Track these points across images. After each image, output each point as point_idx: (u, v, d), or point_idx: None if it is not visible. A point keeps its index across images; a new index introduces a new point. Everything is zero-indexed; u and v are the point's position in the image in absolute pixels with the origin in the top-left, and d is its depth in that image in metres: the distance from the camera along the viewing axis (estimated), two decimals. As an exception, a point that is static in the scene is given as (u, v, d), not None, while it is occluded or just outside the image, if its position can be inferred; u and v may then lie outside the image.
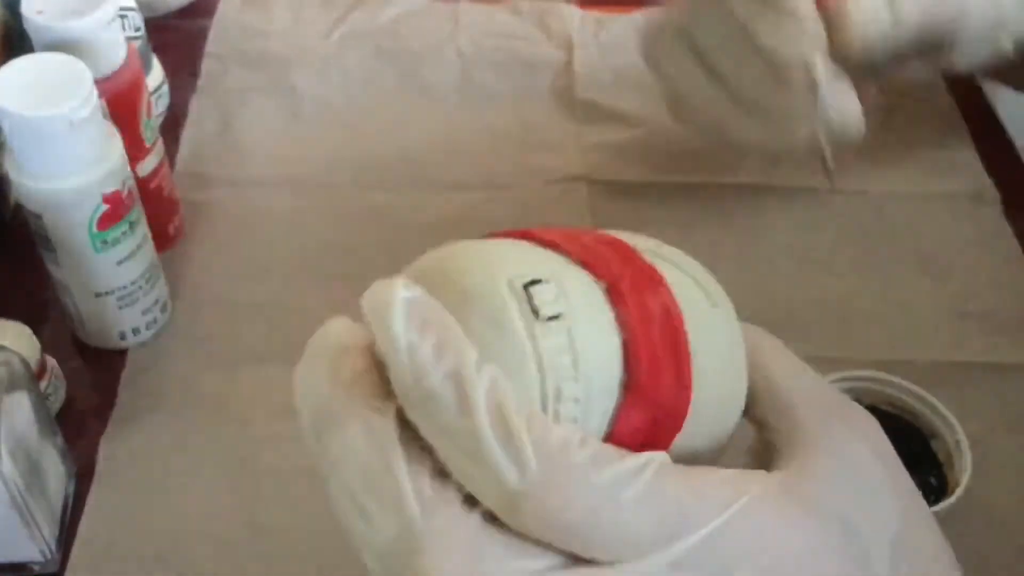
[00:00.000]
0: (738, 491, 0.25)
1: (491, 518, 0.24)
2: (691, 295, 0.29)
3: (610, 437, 0.26)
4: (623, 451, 0.25)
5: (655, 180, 0.63)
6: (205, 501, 0.48)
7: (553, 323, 0.26)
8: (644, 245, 0.30)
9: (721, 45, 0.45)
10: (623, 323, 0.27)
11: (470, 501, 0.24)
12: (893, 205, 0.61)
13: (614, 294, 0.27)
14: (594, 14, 0.74)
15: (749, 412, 0.30)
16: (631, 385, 0.26)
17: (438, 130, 0.66)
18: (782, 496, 0.26)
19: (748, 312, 0.56)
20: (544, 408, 0.25)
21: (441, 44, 0.72)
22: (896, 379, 0.50)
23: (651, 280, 0.28)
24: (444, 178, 0.63)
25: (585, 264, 0.28)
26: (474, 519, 0.24)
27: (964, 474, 0.46)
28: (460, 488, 0.24)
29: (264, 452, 0.50)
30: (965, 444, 0.47)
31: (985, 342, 0.54)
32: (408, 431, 0.24)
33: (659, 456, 0.25)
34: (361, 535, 0.25)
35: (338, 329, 0.27)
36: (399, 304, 0.24)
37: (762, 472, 0.27)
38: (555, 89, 0.69)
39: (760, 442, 0.30)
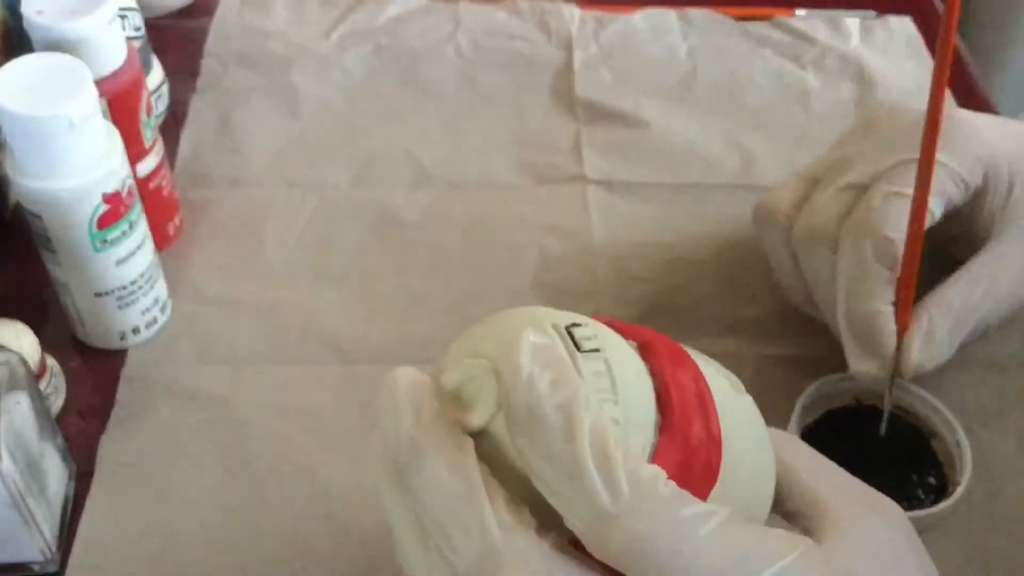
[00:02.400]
0: (791, 546, 0.28)
1: (561, 546, 0.27)
2: (714, 376, 0.32)
3: None
4: (696, 499, 0.28)
5: (655, 180, 0.63)
6: (205, 501, 0.48)
7: (592, 354, 0.29)
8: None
9: (816, 277, 0.50)
10: (654, 372, 0.30)
11: (543, 529, 0.27)
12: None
13: (645, 349, 0.30)
14: (594, 14, 0.74)
15: (780, 507, 0.32)
16: (665, 426, 0.29)
17: (438, 130, 0.66)
18: (821, 557, 0.28)
19: (748, 312, 0.56)
20: None
21: (441, 44, 0.72)
22: (896, 379, 0.50)
23: (678, 350, 0.31)
24: (444, 178, 0.63)
25: (618, 330, 0.31)
26: (547, 544, 0.27)
27: (964, 474, 0.46)
28: (533, 518, 0.28)
29: (264, 452, 0.50)
30: (965, 444, 0.47)
31: (985, 342, 0.54)
32: (481, 466, 0.28)
33: (726, 508, 0.28)
34: (433, 566, 0.28)
35: (410, 375, 0.30)
36: (526, 344, 0.28)
37: (807, 538, 0.29)
38: (555, 89, 0.69)
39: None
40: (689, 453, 0.29)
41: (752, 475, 0.31)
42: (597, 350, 0.29)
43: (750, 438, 0.32)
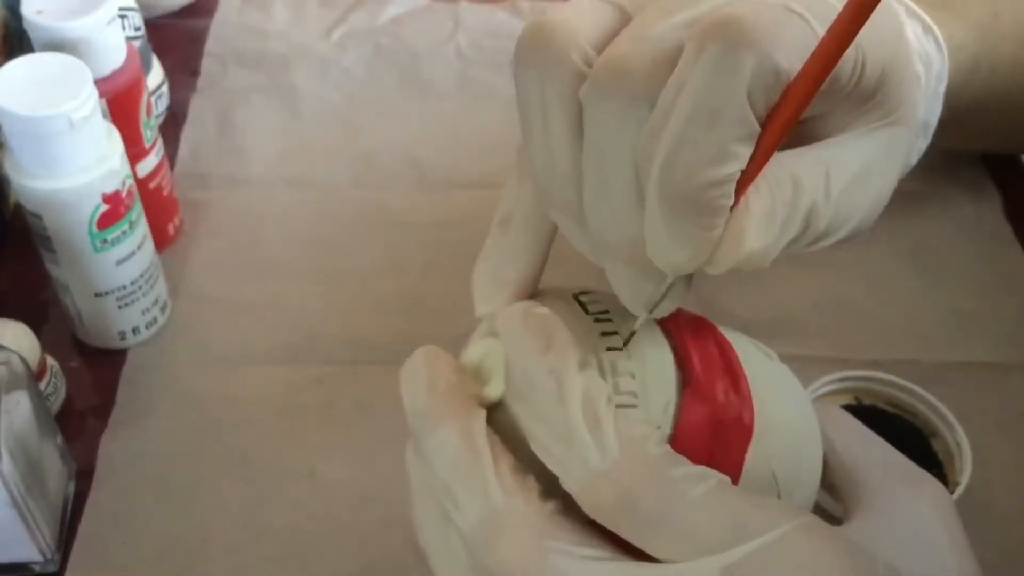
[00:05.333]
0: (788, 516, 0.27)
1: (563, 510, 0.28)
2: (742, 343, 0.32)
3: (677, 433, 0.29)
4: (690, 462, 0.27)
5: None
6: (205, 501, 0.48)
7: (602, 316, 0.30)
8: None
9: (603, 147, 0.30)
10: (670, 333, 0.30)
11: (545, 494, 0.28)
12: (893, 205, 0.61)
13: (661, 320, 0.30)
14: (594, 14, 0.74)
15: (823, 480, 0.32)
16: (687, 381, 0.29)
17: (438, 130, 0.66)
18: (827, 531, 0.27)
19: (748, 312, 0.56)
20: (604, 380, 0.28)
21: (441, 44, 0.72)
22: (896, 379, 0.50)
23: (696, 317, 0.31)
24: (444, 178, 0.63)
25: None
26: (548, 507, 0.28)
27: (964, 474, 0.46)
28: (537, 483, 0.28)
29: (264, 452, 0.50)
30: (965, 444, 0.47)
31: (985, 342, 0.54)
32: (492, 435, 0.29)
33: (721, 475, 0.27)
34: (445, 532, 0.29)
35: (430, 350, 0.31)
36: (520, 313, 0.29)
37: (810, 514, 0.28)
38: (555, 89, 0.69)
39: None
40: (717, 409, 0.29)
41: (794, 437, 0.31)
42: (606, 311, 0.30)
43: (787, 400, 0.31)
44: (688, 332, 0.30)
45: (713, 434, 0.29)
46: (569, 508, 0.28)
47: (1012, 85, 0.52)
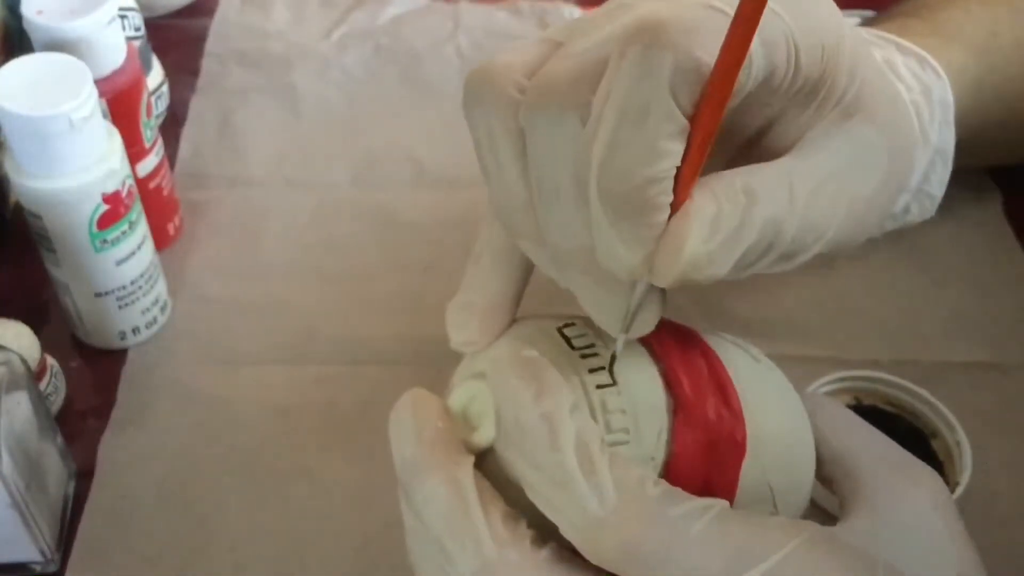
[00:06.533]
0: (789, 535, 0.27)
1: (558, 556, 0.28)
2: (729, 349, 0.31)
3: (672, 460, 0.28)
4: (689, 495, 0.27)
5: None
6: (205, 501, 0.48)
7: (588, 350, 0.29)
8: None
9: (546, 165, 0.31)
10: (657, 356, 0.30)
11: (539, 541, 0.28)
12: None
13: (646, 338, 0.30)
14: (594, 14, 0.74)
15: (817, 473, 0.32)
16: (678, 406, 0.29)
17: (438, 130, 0.66)
18: (828, 543, 0.28)
19: (748, 312, 0.56)
20: (595, 419, 0.28)
21: (441, 44, 0.72)
22: (896, 379, 0.50)
23: (683, 330, 0.31)
24: (444, 177, 0.63)
25: None
26: (542, 555, 0.27)
27: (964, 474, 0.46)
28: (529, 530, 0.28)
29: (264, 452, 0.50)
30: (965, 444, 0.47)
31: (985, 342, 0.54)
32: (481, 482, 0.28)
33: (721, 502, 0.27)
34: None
35: (417, 395, 0.31)
36: (511, 359, 0.28)
37: (813, 523, 0.28)
38: (555, 89, 0.69)
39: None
40: (709, 430, 0.29)
41: (785, 441, 0.31)
42: (591, 344, 0.30)
43: (777, 405, 0.31)
44: (674, 349, 0.30)
45: (707, 456, 0.29)
46: (563, 551, 0.28)
47: (1017, 101, 0.52)
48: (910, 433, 0.49)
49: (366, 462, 0.49)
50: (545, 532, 0.28)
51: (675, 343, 0.30)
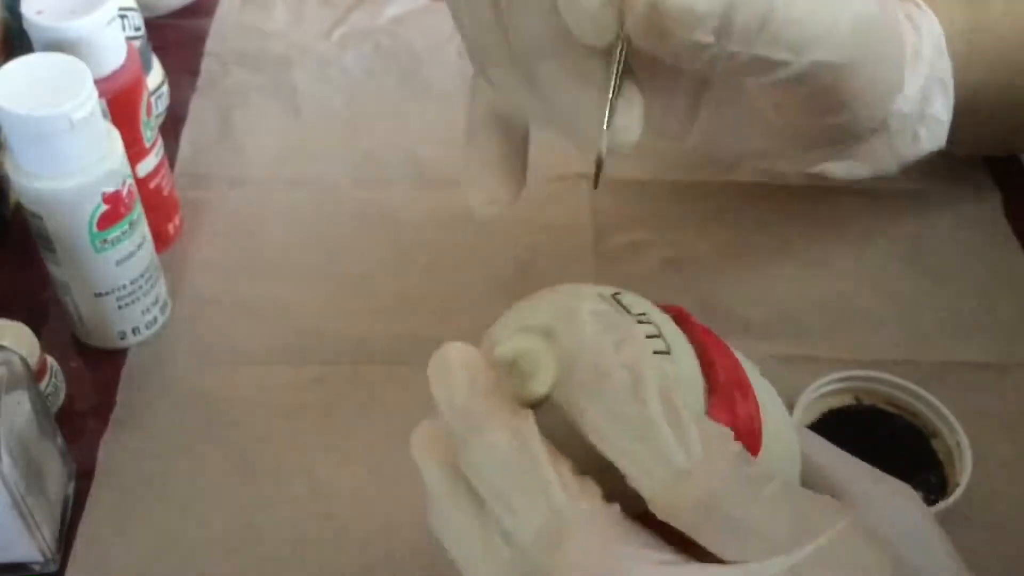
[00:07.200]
0: (841, 514, 0.27)
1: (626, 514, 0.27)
2: (736, 353, 0.32)
3: None
4: (753, 459, 0.27)
5: (655, 178, 0.63)
6: (205, 501, 0.48)
7: (643, 318, 0.29)
8: None
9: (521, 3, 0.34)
10: (693, 340, 0.30)
11: (609, 498, 0.27)
12: (893, 205, 0.61)
13: (681, 319, 0.31)
14: (594, 14, 0.74)
15: None
16: (713, 388, 0.29)
17: (438, 129, 0.66)
18: (866, 530, 0.27)
19: (748, 312, 0.56)
20: None
21: (441, 44, 0.72)
22: (896, 379, 0.50)
23: (705, 328, 0.31)
24: (444, 177, 0.63)
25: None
26: (616, 510, 0.26)
27: (964, 474, 0.46)
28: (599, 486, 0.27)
29: (264, 452, 0.50)
30: (965, 444, 0.47)
31: (985, 342, 0.54)
32: (544, 437, 0.27)
33: (779, 476, 0.27)
34: (488, 542, 0.27)
35: (461, 348, 0.29)
36: (587, 309, 0.27)
37: (849, 508, 0.28)
38: (555, 89, 0.69)
39: None
40: (736, 417, 0.29)
41: (784, 448, 0.31)
42: (644, 312, 0.30)
43: (777, 413, 0.32)
44: (707, 338, 0.30)
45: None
46: (627, 511, 0.27)
47: (1010, 70, 0.52)
48: (910, 433, 0.49)
49: (366, 462, 0.49)
50: (605, 492, 0.27)
51: (706, 334, 0.31)
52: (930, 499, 0.47)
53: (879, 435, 0.49)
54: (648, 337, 0.29)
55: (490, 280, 0.57)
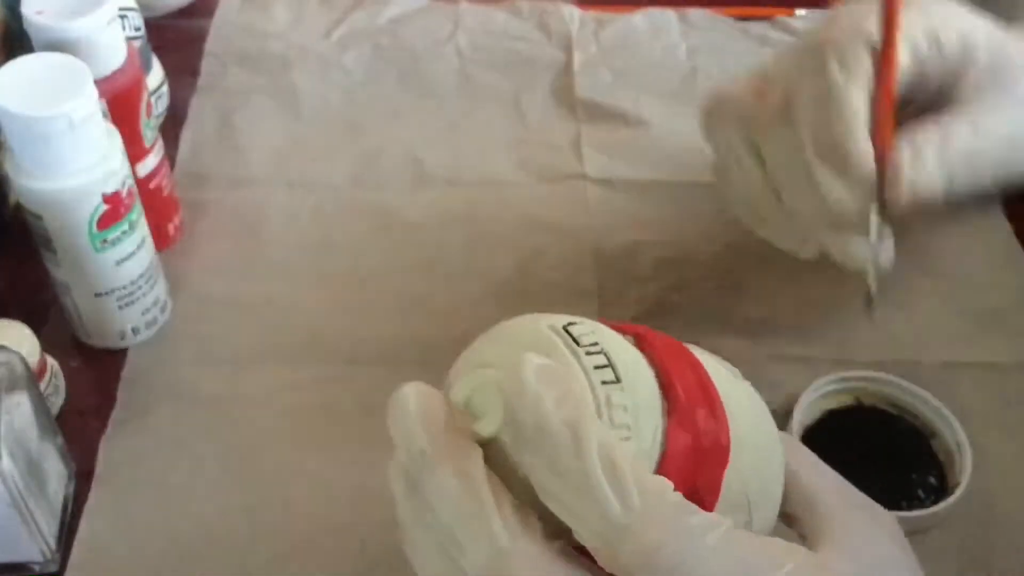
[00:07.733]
0: (788, 555, 0.28)
1: (567, 552, 0.28)
2: (710, 362, 0.32)
3: (663, 461, 0.29)
4: (697, 507, 0.28)
5: (655, 179, 0.63)
6: (205, 501, 0.48)
7: (592, 347, 0.30)
8: None
9: (780, 160, 0.46)
10: (652, 361, 0.30)
11: (550, 536, 0.28)
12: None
13: (640, 341, 0.31)
14: (594, 14, 0.74)
15: (781, 510, 0.33)
16: (672, 409, 0.29)
17: (438, 130, 0.66)
18: (818, 568, 0.29)
19: (749, 312, 0.56)
20: (599, 414, 0.28)
21: (441, 44, 0.72)
22: (896, 379, 0.50)
23: (672, 341, 0.32)
24: (444, 177, 0.63)
25: (612, 327, 0.32)
26: (556, 546, 0.28)
27: (964, 474, 0.46)
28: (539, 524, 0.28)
29: (264, 452, 0.50)
30: (965, 444, 0.47)
31: (985, 342, 0.54)
32: (490, 474, 0.29)
33: (727, 520, 0.28)
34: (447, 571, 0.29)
35: (419, 386, 0.31)
36: (529, 364, 0.28)
37: (802, 547, 0.29)
38: (555, 89, 0.69)
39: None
40: (698, 434, 0.29)
41: (761, 456, 0.32)
42: (596, 343, 0.30)
43: (752, 420, 0.32)
44: (665, 356, 0.31)
45: (695, 459, 0.29)
46: (571, 547, 0.28)
47: None
48: (910, 433, 0.49)
49: (366, 462, 0.49)
50: (550, 527, 0.28)
51: (666, 351, 0.31)
52: (930, 499, 0.47)
53: (879, 435, 0.49)
54: (596, 368, 0.29)
55: (490, 280, 0.57)
